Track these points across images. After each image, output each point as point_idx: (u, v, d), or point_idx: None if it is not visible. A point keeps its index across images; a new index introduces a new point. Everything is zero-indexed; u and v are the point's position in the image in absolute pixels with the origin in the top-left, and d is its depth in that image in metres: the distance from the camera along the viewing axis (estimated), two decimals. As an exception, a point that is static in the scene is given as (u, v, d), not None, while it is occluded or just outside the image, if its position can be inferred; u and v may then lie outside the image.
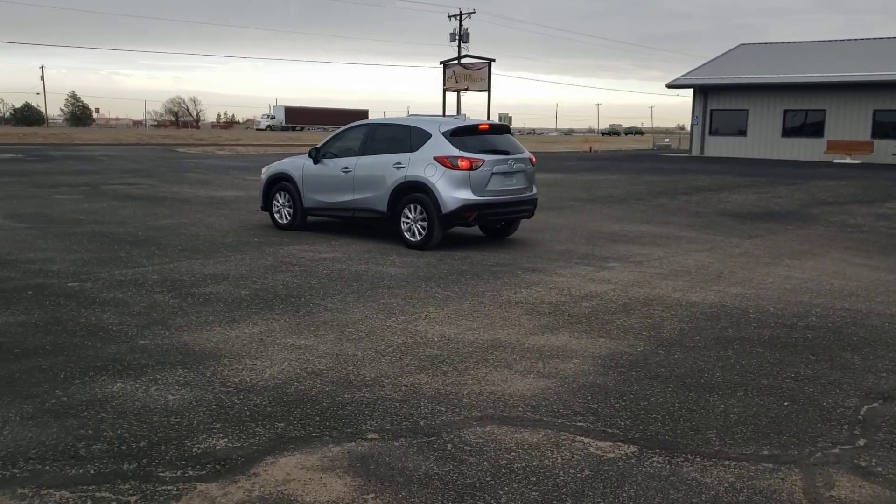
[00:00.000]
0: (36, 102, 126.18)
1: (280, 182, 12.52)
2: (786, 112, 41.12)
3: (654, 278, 9.07)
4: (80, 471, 3.91)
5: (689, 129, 48.47)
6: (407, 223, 10.90)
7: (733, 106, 42.83)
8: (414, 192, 10.76)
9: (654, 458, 4.19)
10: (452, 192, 10.48)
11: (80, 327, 6.52)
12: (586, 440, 4.41)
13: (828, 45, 45.47)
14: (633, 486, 3.87)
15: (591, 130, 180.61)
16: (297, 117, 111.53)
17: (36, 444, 4.20)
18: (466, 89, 48.94)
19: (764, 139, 41.75)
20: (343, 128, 12.54)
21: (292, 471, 3.96)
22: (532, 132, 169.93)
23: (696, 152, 44.18)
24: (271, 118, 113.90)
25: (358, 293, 7.98)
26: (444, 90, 49.72)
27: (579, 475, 3.97)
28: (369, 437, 4.40)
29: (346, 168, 11.55)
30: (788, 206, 17.57)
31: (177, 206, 15.51)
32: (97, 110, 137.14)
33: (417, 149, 10.85)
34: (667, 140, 71.79)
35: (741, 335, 6.67)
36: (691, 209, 16.77)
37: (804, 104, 40.52)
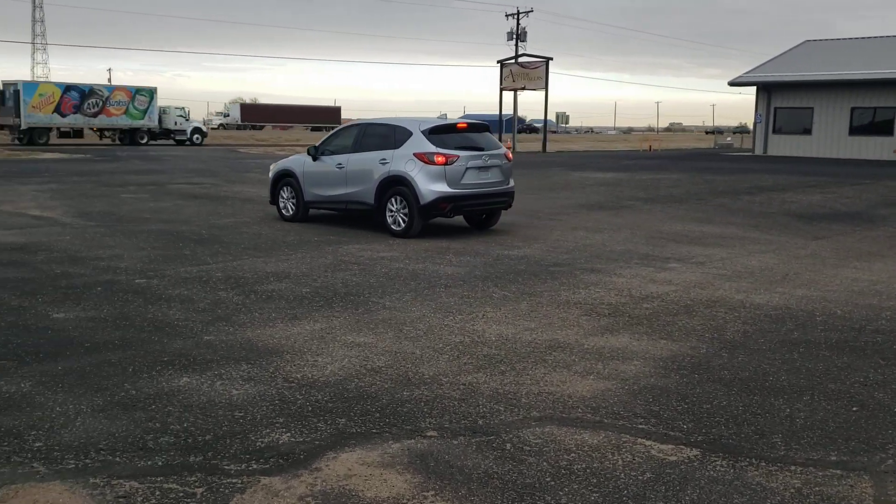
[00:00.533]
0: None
1: (285, 178, 13.61)
2: (853, 110, 39.93)
3: (716, 279, 8.91)
4: (149, 462, 4.02)
5: (751, 127, 47.45)
6: (391, 214, 11.84)
7: (798, 104, 41.78)
8: (397, 185, 11.70)
9: (717, 462, 4.12)
10: (429, 186, 11.41)
11: (148, 323, 6.70)
12: (648, 443, 4.36)
13: (898, 41, 44.00)
14: (695, 489, 3.81)
15: (650, 129, 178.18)
16: (254, 115, 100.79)
17: (106, 436, 4.33)
18: (524, 88, 48.78)
19: (830, 138, 40.62)
20: (340, 127, 14.07)
21: (353, 466, 4.01)
22: (590, 130, 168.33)
23: (759, 151, 43.24)
24: (225, 115, 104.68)
25: (415, 292, 8.02)
26: (501, 89, 49.65)
27: (640, 478, 3.93)
28: (428, 434, 4.43)
29: (340, 164, 12.55)
30: (856, 207, 17.07)
31: (239, 206, 15.81)
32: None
33: (400, 146, 11.80)
34: (729, 139, 70.38)
35: (807, 338, 6.51)
36: (754, 209, 16.42)
37: (872, 101, 39.29)
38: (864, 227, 13.98)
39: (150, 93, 48.76)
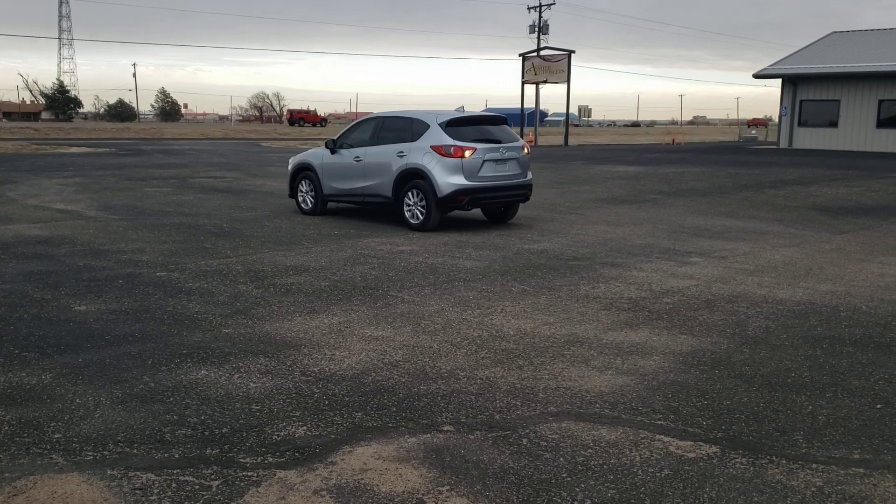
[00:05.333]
0: (128, 99, 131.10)
1: (303, 171, 13.65)
2: (881, 102, 39.30)
3: (738, 274, 8.81)
4: (166, 455, 4.03)
5: (776, 120, 46.90)
6: (409, 207, 11.83)
7: (824, 96, 41.21)
8: (414, 178, 11.69)
9: (737, 459, 4.06)
10: (447, 178, 11.40)
11: (167, 315, 6.73)
12: (666, 439, 4.31)
13: (928, 32, 43.26)
14: (714, 487, 3.76)
15: (673, 122, 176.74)
16: None
17: (125, 428, 4.35)
18: (546, 81, 48.58)
19: (856, 131, 40.04)
20: (358, 120, 13.75)
21: (369, 460, 4.00)
22: (612, 124, 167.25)
23: (783, 144, 42.73)
24: None
25: (434, 286, 8.00)
26: (523, 82, 49.47)
27: (658, 474, 3.89)
28: (445, 429, 4.41)
29: (358, 157, 12.56)
30: (883, 201, 16.81)
31: (260, 199, 15.87)
32: (185, 106, 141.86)
33: (418, 138, 11.79)
34: (753, 131, 69.51)
35: (831, 334, 6.41)
36: (778, 203, 16.22)
37: (901, 94, 38.66)
38: (890, 220, 13.76)
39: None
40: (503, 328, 6.48)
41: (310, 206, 13.52)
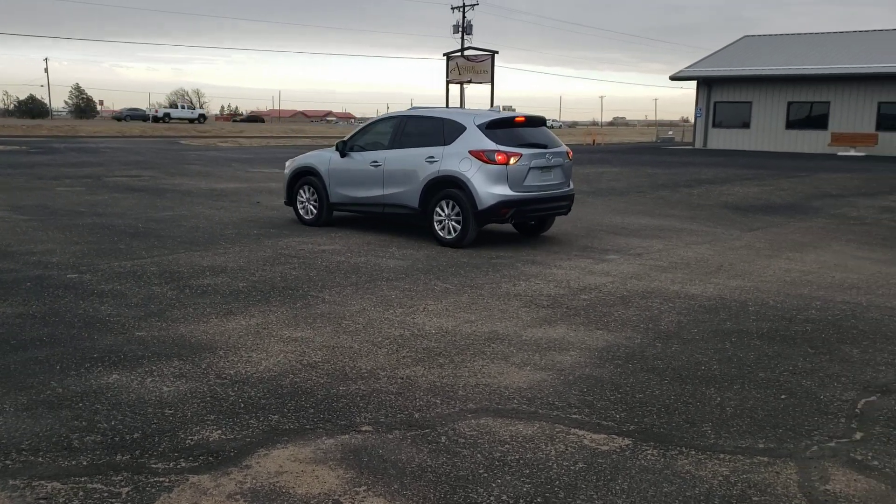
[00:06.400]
0: (40, 94, 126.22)
1: (305, 176, 12.15)
2: (790, 104, 40.93)
3: (653, 271, 9.05)
4: (73, 462, 3.90)
5: (692, 121, 48.28)
6: (440, 220, 10.48)
7: (737, 98, 42.66)
8: (447, 187, 10.35)
9: (648, 451, 4.18)
10: (489, 188, 10.04)
11: (78, 319, 6.52)
12: (581, 432, 4.40)
13: (832, 37, 45.20)
14: (626, 479, 3.85)
15: (594, 123, 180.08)
16: None
17: (30, 436, 4.19)
18: (470, 81, 48.87)
19: (768, 131, 41.58)
20: (371, 120, 12.11)
21: (285, 463, 3.95)
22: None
23: (699, 145, 44.05)
24: None
25: (356, 285, 7.96)
26: (448, 82, 49.65)
27: (573, 468, 3.96)
28: (363, 429, 4.39)
29: (376, 162, 11.15)
30: (791, 199, 17.51)
31: (177, 198, 15.51)
32: (101, 102, 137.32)
33: (451, 142, 10.44)
34: (670, 133, 71.46)
35: (739, 328, 6.65)
36: (693, 202, 16.72)
37: (808, 96, 40.33)
38: (798, 218, 14.34)
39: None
40: (425, 327, 6.50)
41: (312, 215, 12.05)
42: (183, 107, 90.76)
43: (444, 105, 50.69)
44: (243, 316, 6.70)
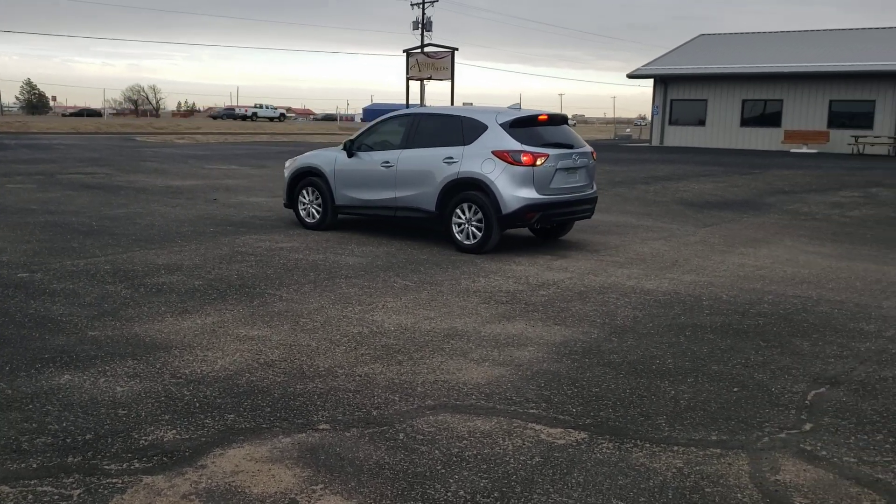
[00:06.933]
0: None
1: (307, 177, 11.48)
2: (744, 102, 41.63)
3: (610, 266, 9.14)
4: (23, 465, 3.83)
5: (649, 118, 48.87)
6: (460, 224, 9.89)
7: (693, 96, 43.26)
8: (468, 189, 9.78)
9: (603, 445, 4.22)
10: (514, 191, 9.48)
11: (29, 318, 6.38)
12: (538, 427, 4.43)
13: (786, 36, 46.10)
14: (582, 472, 3.90)
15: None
16: None
17: (-23, 439, 4.10)
18: (430, 78, 48.85)
19: (723, 129, 42.25)
20: (381, 118, 11.39)
21: (241, 462, 3.92)
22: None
23: (656, 142, 44.59)
24: None
25: (314, 283, 7.92)
26: (408, 79, 49.56)
27: (529, 462, 3.99)
28: (320, 427, 4.37)
29: (387, 162, 10.51)
30: (744, 195, 17.82)
31: (132, 196, 15.26)
32: (54, 98, 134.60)
33: (472, 142, 9.83)
34: (628, 130, 72.29)
35: (694, 322, 6.75)
36: (649, 198, 16.93)
37: (762, 94, 41.07)
38: (751, 214, 14.61)
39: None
40: (384, 324, 6.49)
41: (315, 218, 11.39)
42: (266, 107, 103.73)
43: (405, 102, 50.59)
44: (199, 314, 6.62)
